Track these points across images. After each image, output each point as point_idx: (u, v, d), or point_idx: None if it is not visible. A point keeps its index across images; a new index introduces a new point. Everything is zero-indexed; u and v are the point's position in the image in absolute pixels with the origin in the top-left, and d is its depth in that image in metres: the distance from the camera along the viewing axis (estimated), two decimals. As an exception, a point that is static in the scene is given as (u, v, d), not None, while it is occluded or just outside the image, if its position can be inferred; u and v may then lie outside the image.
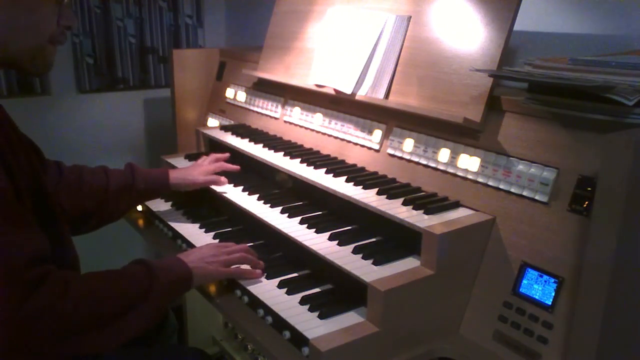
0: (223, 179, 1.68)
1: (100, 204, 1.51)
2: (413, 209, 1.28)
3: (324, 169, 1.54)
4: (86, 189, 1.49)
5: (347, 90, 1.58)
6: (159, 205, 1.81)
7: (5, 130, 1.12)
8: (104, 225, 1.57)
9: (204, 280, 1.31)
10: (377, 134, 1.56)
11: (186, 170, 1.70)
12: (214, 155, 1.79)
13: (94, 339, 1.07)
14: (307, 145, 1.78)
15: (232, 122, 2.17)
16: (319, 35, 1.77)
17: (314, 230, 1.37)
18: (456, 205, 1.31)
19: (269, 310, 1.22)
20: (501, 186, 1.25)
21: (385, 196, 1.35)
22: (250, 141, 1.84)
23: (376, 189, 1.38)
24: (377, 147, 1.56)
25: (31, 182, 1.16)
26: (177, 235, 1.61)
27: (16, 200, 1.05)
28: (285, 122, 1.92)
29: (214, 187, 1.68)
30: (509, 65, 1.32)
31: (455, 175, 1.35)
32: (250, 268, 1.35)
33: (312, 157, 1.63)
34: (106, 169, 1.58)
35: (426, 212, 1.26)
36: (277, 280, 1.32)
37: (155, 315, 1.17)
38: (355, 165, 1.60)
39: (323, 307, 1.19)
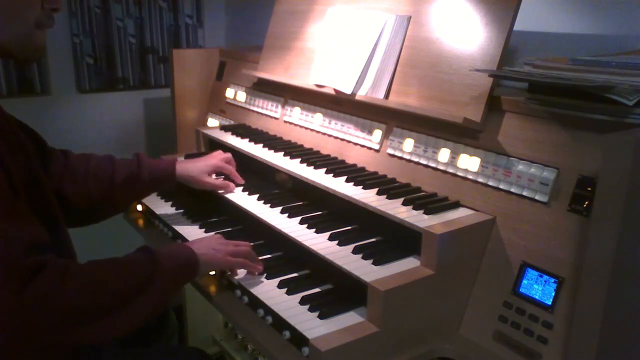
0: (232, 185, 1.65)
1: (106, 194, 1.50)
2: (413, 209, 1.28)
3: (324, 169, 1.54)
4: (92, 178, 1.48)
5: (347, 90, 1.58)
6: (160, 206, 1.80)
7: (1, 126, 1.12)
8: (111, 215, 1.56)
9: (210, 267, 1.31)
10: (377, 134, 1.56)
11: (195, 164, 1.64)
12: (229, 155, 1.71)
13: (96, 329, 1.05)
14: (307, 145, 1.78)
15: (232, 122, 2.17)
16: (319, 35, 1.77)
17: (314, 230, 1.37)
18: (456, 205, 1.31)
19: (269, 310, 1.22)
20: (501, 186, 1.25)
21: (385, 196, 1.35)
22: (250, 141, 1.84)
23: (376, 189, 1.38)
24: (377, 147, 1.56)
25: (29, 183, 1.16)
26: (177, 236, 1.60)
27: (12, 192, 1.04)
28: (285, 122, 1.91)
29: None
30: (509, 65, 1.32)
31: (455, 175, 1.35)
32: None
33: (312, 157, 1.63)
34: (112, 158, 1.56)
35: (426, 212, 1.26)
36: (277, 280, 1.32)
37: (159, 303, 1.15)
38: (355, 165, 1.60)
39: (323, 307, 1.19)
